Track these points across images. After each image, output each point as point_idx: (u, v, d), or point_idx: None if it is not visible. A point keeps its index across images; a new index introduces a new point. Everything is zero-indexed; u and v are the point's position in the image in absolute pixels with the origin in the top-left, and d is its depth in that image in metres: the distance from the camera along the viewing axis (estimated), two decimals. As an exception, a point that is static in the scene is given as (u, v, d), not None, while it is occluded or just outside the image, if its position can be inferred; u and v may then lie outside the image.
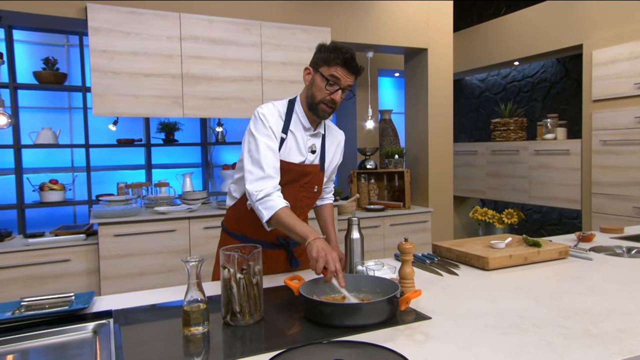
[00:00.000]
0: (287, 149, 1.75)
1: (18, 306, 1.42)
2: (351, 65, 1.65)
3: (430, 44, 4.23)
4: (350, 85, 1.69)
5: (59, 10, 3.09)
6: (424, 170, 4.32)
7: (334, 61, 1.64)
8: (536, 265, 1.87)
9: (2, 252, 3.00)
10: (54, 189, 3.93)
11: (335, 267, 1.40)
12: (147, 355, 1.13)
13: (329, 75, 1.64)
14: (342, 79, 1.65)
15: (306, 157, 1.80)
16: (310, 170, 1.81)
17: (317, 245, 1.45)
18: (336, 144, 1.93)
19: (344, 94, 1.69)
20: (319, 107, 1.70)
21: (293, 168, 1.77)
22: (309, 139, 1.80)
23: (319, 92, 1.68)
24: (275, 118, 1.72)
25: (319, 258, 1.42)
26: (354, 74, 1.68)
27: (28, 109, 4.12)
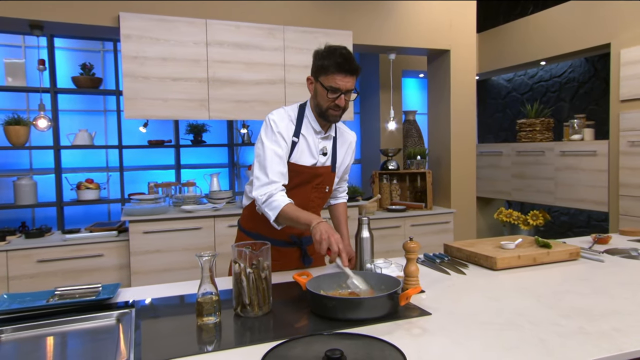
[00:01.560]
0: (298, 152, 1.83)
1: (52, 294, 1.56)
2: (345, 68, 1.70)
3: (453, 45, 4.24)
4: (352, 87, 1.74)
5: (95, 19, 3.27)
6: (447, 171, 4.33)
7: (329, 69, 1.70)
8: (545, 266, 1.89)
9: (43, 246, 3.21)
10: (89, 188, 4.14)
11: (339, 247, 1.49)
12: (163, 341, 1.23)
13: (328, 86, 1.71)
14: (341, 85, 1.71)
15: (317, 160, 1.87)
16: (322, 172, 1.89)
17: (320, 229, 1.54)
18: (347, 145, 1.99)
19: (348, 96, 1.75)
20: (327, 113, 1.78)
21: (305, 170, 1.85)
22: (320, 141, 1.87)
23: (324, 101, 1.75)
24: (285, 123, 1.80)
25: (323, 240, 1.51)
26: (352, 75, 1.72)
27: (67, 112, 4.35)
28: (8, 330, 1.31)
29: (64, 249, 3.24)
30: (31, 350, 1.24)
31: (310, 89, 1.81)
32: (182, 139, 4.51)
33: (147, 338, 1.23)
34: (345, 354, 1.09)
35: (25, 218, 4.25)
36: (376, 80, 4.94)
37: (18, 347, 1.26)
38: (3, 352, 1.22)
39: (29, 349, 1.25)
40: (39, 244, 3.20)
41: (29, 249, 3.17)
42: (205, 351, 1.15)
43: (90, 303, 1.47)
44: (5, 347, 1.25)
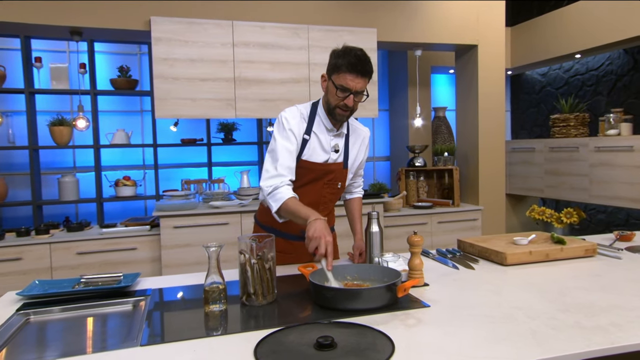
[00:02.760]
0: (310, 150, 1.88)
1: (78, 282, 1.68)
2: (357, 69, 1.73)
3: (481, 40, 4.18)
4: (362, 89, 1.77)
5: (128, 24, 3.43)
6: (474, 168, 4.28)
7: (341, 68, 1.74)
8: (559, 262, 1.87)
9: (82, 239, 3.41)
10: (126, 185, 4.34)
11: (326, 250, 1.52)
12: (170, 325, 1.33)
13: (339, 85, 1.75)
14: (351, 85, 1.74)
15: (329, 157, 1.92)
16: (334, 169, 1.93)
17: (315, 226, 1.57)
18: (360, 141, 2.02)
19: (357, 97, 1.79)
20: (335, 112, 1.82)
21: (316, 167, 1.90)
22: (332, 139, 1.92)
23: (333, 99, 1.80)
24: (297, 120, 1.86)
25: (313, 239, 1.54)
26: (363, 76, 1.75)
27: (106, 112, 4.57)
28: (36, 312, 1.44)
29: (101, 242, 3.43)
30: (54, 331, 1.36)
31: (323, 87, 1.86)
32: (214, 138, 4.65)
33: (156, 322, 1.33)
34: (337, 341, 1.15)
35: (69, 213, 4.50)
36: (404, 77, 4.93)
37: (43, 327, 1.38)
38: (29, 331, 1.34)
39: (52, 330, 1.37)
40: (79, 237, 3.40)
41: (70, 242, 3.37)
42: (207, 335, 1.23)
43: (110, 290, 1.58)
44: (32, 327, 1.37)
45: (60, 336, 1.33)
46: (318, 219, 1.61)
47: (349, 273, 1.61)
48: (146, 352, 1.12)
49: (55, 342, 1.28)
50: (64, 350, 1.20)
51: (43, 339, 1.29)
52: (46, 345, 1.26)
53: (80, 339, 1.30)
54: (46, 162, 4.44)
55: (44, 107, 4.31)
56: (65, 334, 1.34)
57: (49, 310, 1.45)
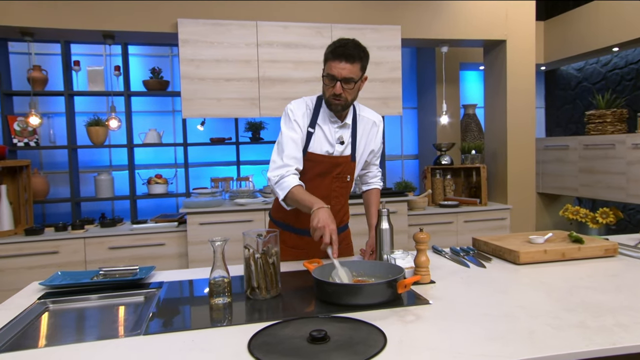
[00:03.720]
0: (315, 142, 1.91)
1: (97, 274, 1.76)
2: (339, 53, 1.74)
3: (510, 35, 4.08)
4: (349, 75, 1.75)
5: (157, 26, 3.55)
6: (503, 166, 4.18)
7: (327, 57, 1.79)
8: (575, 262, 1.82)
9: (114, 235, 3.55)
10: (158, 183, 4.48)
11: (331, 238, 1.54)
12: (176, 317, 1.38)
13: (326, 74, 1.79)
14: (335, 72, 1.75)
15: (335, 149, 1.93)
16: (341, 162, 1.94)
17: (319, 216, 1.59)
18: (369, 130, 2.00)
19: (347, 84, 1.77)
20: (329, 102, 1.85)
21: (323, 160, 1.91)
22: (336, 131, 1.93)
23: (325, 90, 1.84)
24: (302, 112, 1.89)
25: (317, 228, 1.56)
26: (347, 61, 1.74)
27: (139, 113, 4.73)
28: (55, 301, 1.52)
29: (132, 237, 3.56)
30: (67, 319, 1.44)
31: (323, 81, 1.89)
32: (242, 137, 4.74)
33: (162, 313, 1.38)
34: (330, 334, 1.17)
35: (105, 210, 4.69)
36: (432, 74, 4.86)
37: (59, 315, 1.46)
38: (46, 318, 1.42)
39: (66, 318, 1.44)
40: (111, 233, 3.55)
41: (103, 237, 3.52)
42: (207, 327, 1.27)
43: (125, 282, 1.65)
44: (51, 314, 1.45)
45: (73, 324, 1.40)
46: (322, 207, 1.63)
47: (355, 269, 1.62)
48: (147, 340, 1.18)
49: (66, 330, 1.36)
50: (73, 338, 1.27)
51: (57, 326, 1.37)
52: (57, 332, 1.33)
53: (90, 327, 1.37)
54: (85, 161, 4.64)
55: (82, 108, 4.50)
56: (78, 322, 1.41)
57: (67, 300, 1.53)
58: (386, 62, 3.80)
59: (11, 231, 3.61)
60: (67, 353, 1.11)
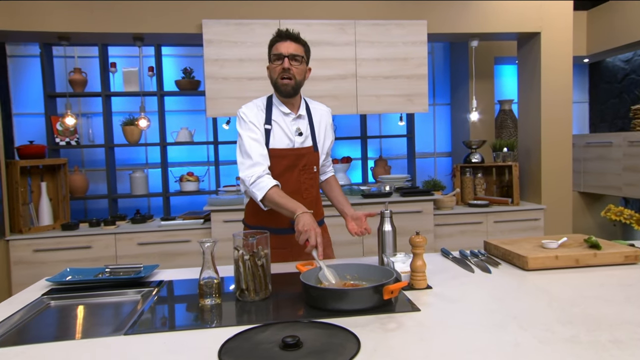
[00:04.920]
0: (275, 138, 1.92)
1: (102, 271, 1.82)
2: (282, 34, 1.85)
3: (544, 27, 3.88)
4: (296, 52, 1.84)
5: (183, 27, 3.62)
6: (537, 164, 3.99)
7: (271, 43, 1.89)
8: (590, 269, 1.71)
9: (143, 231, 3.67)
10: (190, 180, 4.59)
11: (317, 241, 1.57)
12: (164, 317, 1.40)
13: (272, 55, 1.86)
14: (283, 49, 1.83)
15: (294, 141, 1.95)
16: (305, 152, 1.97)
17: (303, 220, 1.63)
18: (324, 121, 2.05)
19: (294, 61, 1.85)
20: (279, 83, 1.87)
21: (287, 153, 1.93)
22: (292, 123, 1.96)
23: (273, 73, 1.88)
24: (254, 112, 1.92)
25: (303, 232, 1.59)
26: (292, 40, 1.85)
27: (172, 112, 4.86)
28: (58, 298, 1.59)
29: (159, 234, 3.67)
30: (63, 316, 1.49)
31: (268, 75, 1.94)
32: (271, 135, 4.76)
33: (151, 313, 1.40)
34: (304, 340, 1.15)
35: (141, 206, 4.85)
36: (465, 70, 4.71)
37: (58, 312, 1.51)
38: (45, 314, 1.48)
39: (63, 314, 1.50)
40: (141, 229, 3.67)
41: (132, 233, 3.64)
42: (188, 328, 1.28)
43: (126, 280, 1.70)
44: (49, 311, 1.51)
45: (66, 321, 1.45)
46: (305, 212, 1.68)
47: (349, 272, 1.59)
48: (124, 340, 1.20)
49: (57, 326, 1.41)
50: (58, 335, 1.32)
51: (51, 323, 1.42)
52: (48, 329, 1.38)
53: (79, 325, 1.41)
54: (122, 159, 4.82)
55: (119, 108, 4.67)
56: (70, 319, 1.46)
57: (69, 297, 1.59)
58: (412, 58, 3.71)
59: (50, 226, 3.80)
60: (39, 351, 1.15)
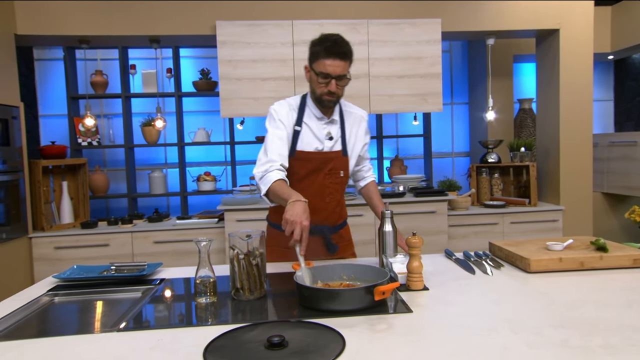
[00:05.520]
0: (303, 140, 1.91)
1: (107, 268, 1.86)
2: (334, 51, 1.75)
3: (563, 24, 3.78)
4: (342, 72, 1.78)
5: (197, 29, 3.68)
6: (555, 164, 3.90)
7: (319, 54, 1.78)
8: (596, 272, 1.66)
9: (159, 230, 3.74)
10: (207, 180, 4.65)
11: (301, 235, 1.50)
12: (159, 314, 1.42)
13: (319, 72, 1.78)
14: (330, 70, 1.75)
15: (324, 145, 1.92)
16: (332, 157, 1.93)
17: (293, 209, 1.55)
18: (357, 124, 2.01)
19: (340, 81, 1.80)
20: (322, 99, 1.85)
21: (313, 157, 1.91)
22: (324, 127, 1.93)
23: (317, 87, 1.83)
24: (286, 111, 1.90)
25: (289, 222, 1.52)
26: (341, 59, 1.76)
27: (190, 112, 4.93)
28: (62, 294, 1.63)
29: (175, 232, 3.73)
30: (64, 312, 1.53)
31: (306, 77, 1.90)
32: (287, 135, 4.78)
33: (148, 310, 1.43)
34: (290, 340, 1.15)
35: (160, 205, 4.95)
36: (483, 68, 4.63)
37: (60, 308, 1.56)
38: (48, 310, 1.52)
39: (64, 311, 1.54)
40: (156, 228, 3.74)
41: (148, 232, 3.72)
42: (179, 326, 1.30)
43: (128, 278, 1.73)
44: (52, 307, 1.56)
45: (66, 317, 1.49)
46: (297, 200, 1.60)
47: (346, 272, 1.59)
48: (117, 337, 1.22)
49: (56, 322, 1.45)
50: (56, 330, 1.35)
51: (51, 319, 1.46)
52: (47, 324, 1.42)
53: (77, 322, 1.45)
54: (142, 159, 4.92)
55: (139, 109, 4.77)
56: (70, 315, 1.50)
57: (73, 293, 1.64)
58: (425, 57, 3.67)
59: (70, 224, 3.91)
60: (32, 347, 1.19)
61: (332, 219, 2.02)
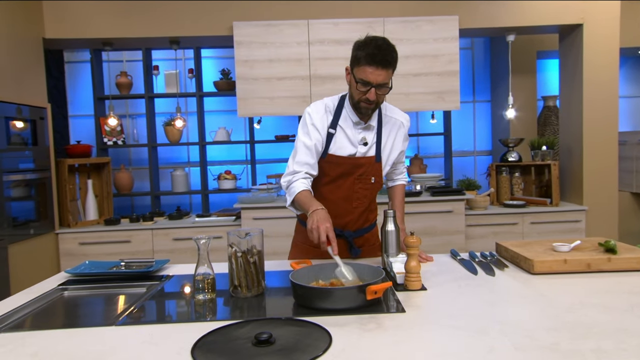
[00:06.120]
0: (336, 144, 1.86)
1: (117, 264, 1.92)
2: (377, 59, 1.66)
3: (587, 19, 3.67)
4: (384, 81, 1.69)
5: (215, 30, 3.74)
6: (578, 164, 3.79)
7: (361, 60, 1.68)
8: (602, 274, 1.61)
9: (178, 227, 3.82)
10: (227, 179, 4.72)
11: (328, 236, 1.51)
12: (158, 309, 1.46)
13: (359, 78, 1.70)
14: (372, 78, 1.68)
15: (357, 150, 1.88)
16: (363, 162, 1.88)
17: (313, 218, 1.58)
18: (396, 131, 1.94)
19: (380, 90, 1.72)
20: (359, 105, 1.79)
21: (344, 161, 1.87)
22: (359, 132, 1.88)
23: (355, 93, 1.76)
24: (320, 114, 1.86)
25: (312, 230, 1.55)
26: (384, 67, 1.68)
27: (211, 112, 5.01)
28: (72, 289, 1.69)
29: (193, 230, 3.80)
30: (71, 306, 1.59)
31: (347, 79, 1.82)
32: (306, 134, 4.80)
33: (149, 305, 1.47)
34: (278, 337, 1.17)
35: (182, 203, 5.05)
36: (505, 65, 4.54)
37: (67, 301, 1.62)
38: (56, 303, 1.58)
39: (71, 304, 1.60)
40: (176, 225, 3.82)
41: (168, 229, 3.80)
42: (175, 321, 1.33)
43: (135, 274, 1.78)
44: (61, 300, 1.62)
45: (71, 310, 1.55)
46: (317, 209, 1.62)
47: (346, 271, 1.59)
48: (115, 330, 1.26)
49: (62, 315, 1.50)
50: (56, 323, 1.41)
51: (57, 312, 1.52)
52: (52, 317, 1.48)
53: (80, 315, 1.51)
54: (166, 158, 5.03)
55: (162, 109, 4.87)
56: (75, 309, 1.56)
57: (82, 288, 1.70)
58: (442, 54, 3.63)
59: (95, 220, 4.04)
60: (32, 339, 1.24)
61: (358, 223, 1.98)
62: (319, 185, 1.90)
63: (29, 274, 3.41)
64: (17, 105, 3.36)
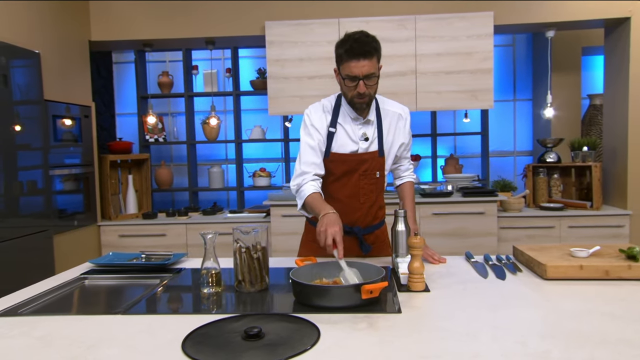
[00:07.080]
0: (338, 142, 1.89)
1: (138, 256, 2.01)
2: (356, 52, 1.69)
3: (635, 12, 3.46)
4: (369, 72, 1.71)
5: (247, 30, 3.81)
6: (623, 165, 3.58)
7: (343, 57, 1.73)
8: (620, 282, 1.53)
9: (211, 222, 3.93)
10: (262, 176, 4.81)
11: (335, 239, 1.53)
12: (164, 301, 1.52)
13: (345, 75, 1.74)
14: (356, 71, 1.70)
15: (359, 146, 1.89)
16: (367, 158, 1.90)
17: (322, 221, 1.60)
18: (395, 123, 1.95)
19: (369, 81, 1.73)
20: (353, 102, 1.81)
21: (347, 158, 1.89)
22: (359, 127, 1.89)
23: (346, 90, 1.79)
24: (319, 115, 1.89)
25: (320, 233, 1.56)
26: (365, 58, 1.69)
27: (247, 110, 5.11)
28: (93, 278, 1.79)
29: (225, 225, 3.89)
30: (89, 294, 1.68)
31: (337, 80, 1.86)
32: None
33: (157, 297, 1.54)
34: (268, 332, 1.19)
35: (219, 199, 5.18)
36: (545, 63, 4.36)
37: (87, 290, 1.71)
38: (77, 291, 1.68)
39: (89, 293, 1.69)
40: (209, 220, 3.93)
41: (201, 224, 3.92)
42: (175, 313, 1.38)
43: (152, 266, 1.86)
44: (83, 288, 1.72)
45: (87, 298, 1.64)
46: (327, 213, 1.64)
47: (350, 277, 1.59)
48: (120, 319, 1.33)
49: (76, 303, 1.59)
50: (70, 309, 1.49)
51: (74, 299, 1.61)
52: (68, 304, 1.57)
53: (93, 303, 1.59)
54: (205, 155, 5.18)
55: (201, 107, 5.02)
56: (90, 297, 1.65)
57: (102, 277, 1.79)
58: (476, 52, 3.53)
59: (134, 214, 4.22)
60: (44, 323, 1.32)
61: (367, 219, 1.99)
62: (325, 185, 1.91)
63: (72, 263, 3.59)
64: (66, 105, 3.57)
